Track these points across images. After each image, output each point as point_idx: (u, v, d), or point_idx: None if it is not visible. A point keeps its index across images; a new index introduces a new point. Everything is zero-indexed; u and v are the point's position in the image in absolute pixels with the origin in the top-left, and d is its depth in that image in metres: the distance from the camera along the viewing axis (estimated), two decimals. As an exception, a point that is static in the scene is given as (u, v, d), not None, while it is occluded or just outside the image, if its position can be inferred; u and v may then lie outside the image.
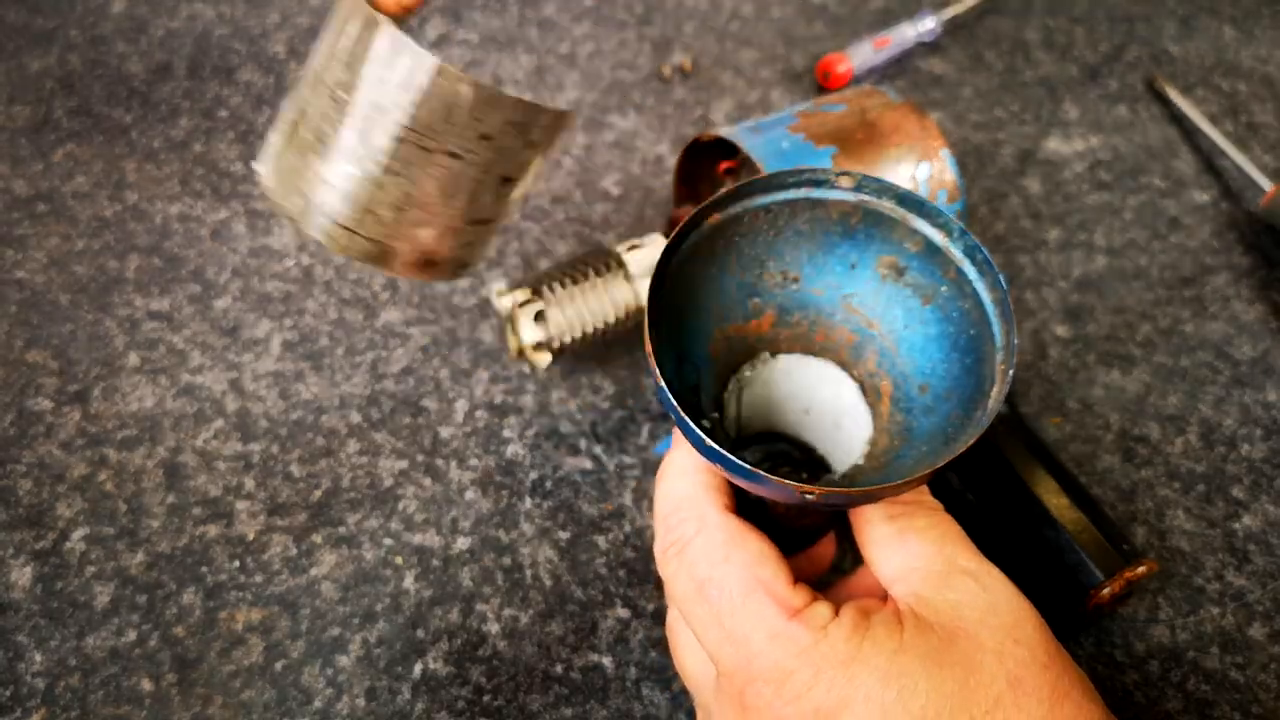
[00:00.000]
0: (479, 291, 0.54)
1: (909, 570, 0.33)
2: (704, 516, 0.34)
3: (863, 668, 0.30)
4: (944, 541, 0.34)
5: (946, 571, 0.33)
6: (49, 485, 0.46)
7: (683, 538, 0.34)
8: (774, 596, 0.32)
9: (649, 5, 0.70)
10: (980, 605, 0.32)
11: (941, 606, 0.32)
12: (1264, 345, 0.54)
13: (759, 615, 0.31)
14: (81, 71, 0.63)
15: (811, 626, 0.31)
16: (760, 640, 0.31)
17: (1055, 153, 0.63)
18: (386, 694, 0.41)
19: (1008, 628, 0.32)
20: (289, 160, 0.36)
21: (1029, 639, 0.32)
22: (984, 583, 0.33)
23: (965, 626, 0.32)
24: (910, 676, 0.30)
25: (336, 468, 0.47)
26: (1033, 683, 0.31)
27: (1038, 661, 0.32)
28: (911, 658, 0.31)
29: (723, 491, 0.35)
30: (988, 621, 0.32)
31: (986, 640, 0.31)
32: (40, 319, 0.52)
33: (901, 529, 0.35)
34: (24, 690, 0.40)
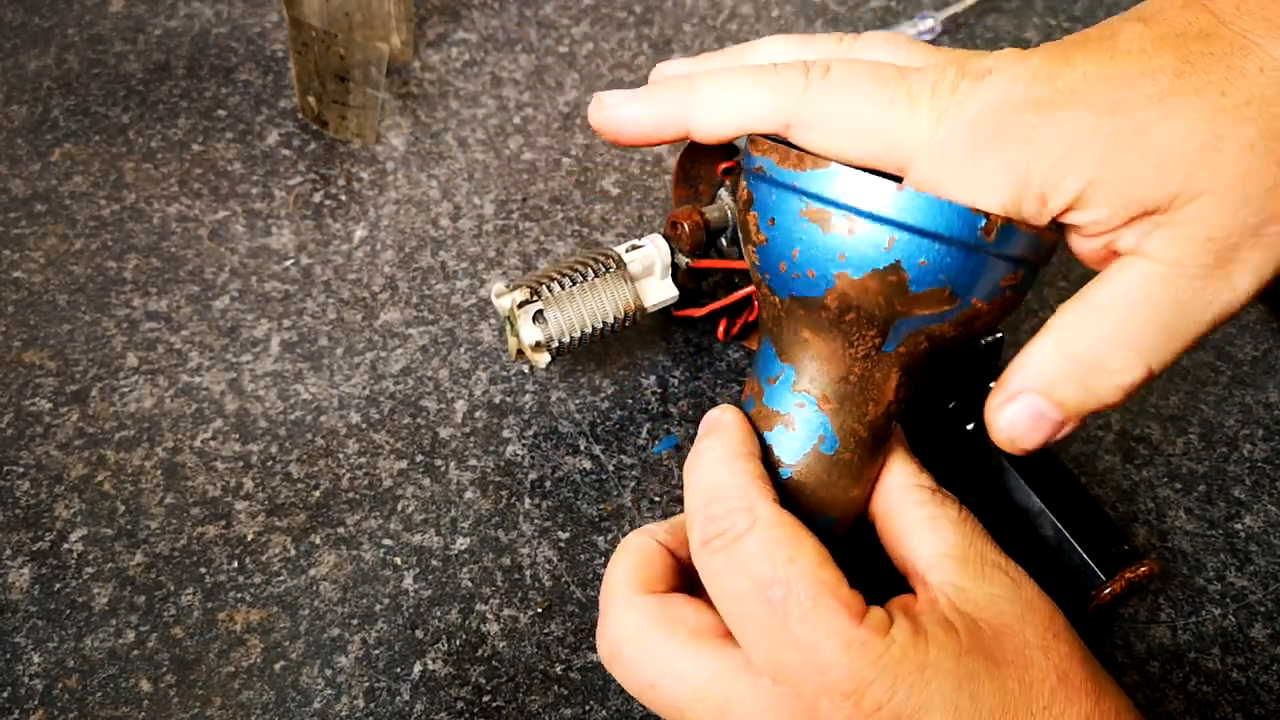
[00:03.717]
0: (478, 291, 0.54)
1: (943, 558, 0.33)
2: (755, 509, 0.31)
3: (935, 673, 0.29)
4: (974, 534, 0.34)
5: (980, 563, 0.33)
6: (47, 486, 0.46)
7: (733, 530, 0.31)
8: (842, 601, 0.30)
9: (649, 5, 0.69)
10: (1018, 600, 0.32)
11: (981, 600, 0.32)
12: (1265, 345, 0.54)
13: (831, 622, 0.29)
14: (79, 71, 0.62)
15: (879, 632, 0.30)
16: (834, 649, 0.29)
17: (1055, 152, 0.63)
18: (386, 694, 0.41)
19: (1046, 623, 0.32)
20: None
21: (1065, 634, 0.32)
22: (1015, 578, 0.33)
23: (1008, 623, 0.31)
24: (977, 678, 0.30)
25: (336, 468, 0.47)
26: (1078, 678, 0.31)
27: (1077, 656, 0.31)
28: (974, 659, 0.30)
29: (769, 483, 0.33)
30: (1028, 617, 0.32)
31: (1031, 636, 0.31)
32: (38, 319, 0.51)
33: (934, 515, 0.34)
34: (22, 691, 0.40)
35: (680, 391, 0.51)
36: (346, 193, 0.58)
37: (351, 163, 0.59)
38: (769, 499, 0.32)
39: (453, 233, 0.56)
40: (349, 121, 0.59)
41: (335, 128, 0.60)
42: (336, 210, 0.57)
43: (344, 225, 0.56)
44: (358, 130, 0.60)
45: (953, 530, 0.34)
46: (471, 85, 0.64)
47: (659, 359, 0.52)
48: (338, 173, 0.59)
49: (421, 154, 0.60)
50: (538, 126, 0.62)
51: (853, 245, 0.32)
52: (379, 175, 0.59)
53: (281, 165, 0.59)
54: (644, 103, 0.38)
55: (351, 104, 0.58)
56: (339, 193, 0.58)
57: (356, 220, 0.57)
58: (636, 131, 0.38)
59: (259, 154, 0.59)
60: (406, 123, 0.61)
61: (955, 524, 0.34)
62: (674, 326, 0.53)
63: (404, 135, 0.61)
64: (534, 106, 0.63)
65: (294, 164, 0.59)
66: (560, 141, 0.61)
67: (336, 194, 0.58)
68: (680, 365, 0.52)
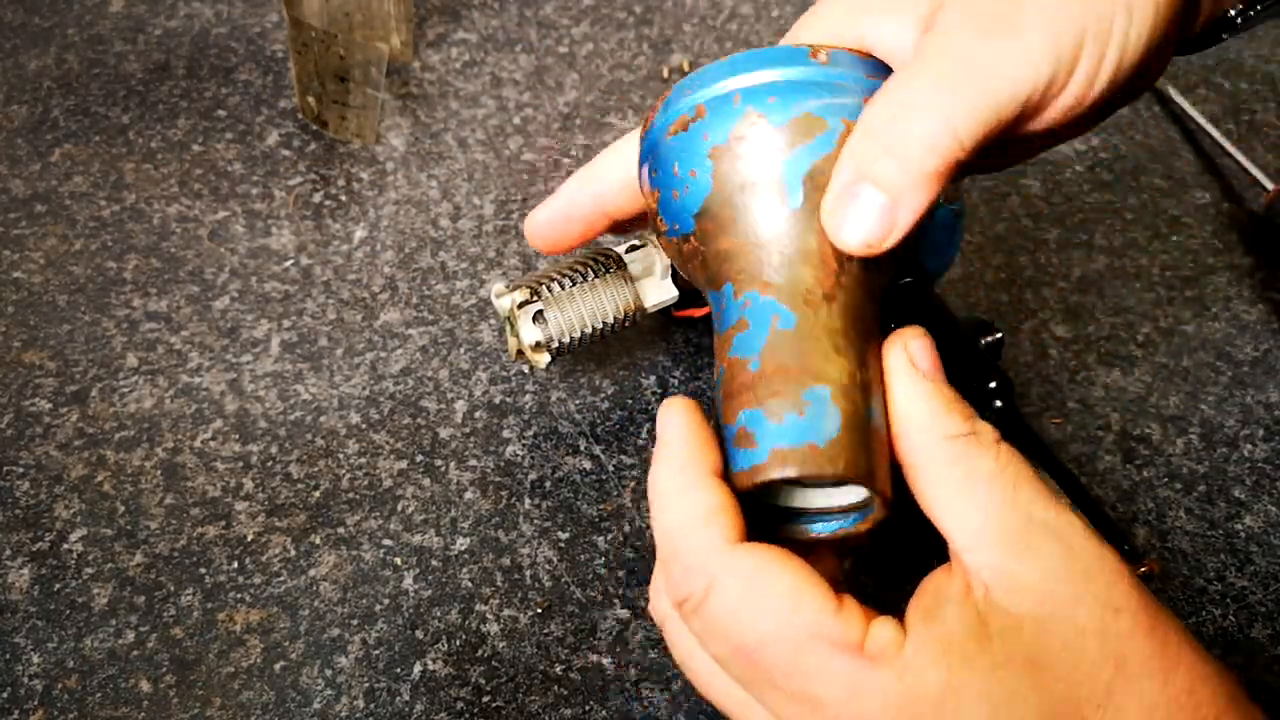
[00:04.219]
0: (478, 292, 0.54)
1: (981, 531, 0.28)
2: (709, 565, 0.28)
3: (963, 700, 0.26)
4: (1017, 490, 0.29)
5: (1024, 530, 0.28)
6: (47, 486, 0.46)
7: (693, 596, 0.28)
8: (830, 641, 0.27)
9: (649, 5, 0.69)
10: (1071, 574, 0.28)
11: (1026, 582, 0.28)
12: (1265, 345, 0.54)
13: (823, 670, 0.27)
14: (79, 71, 0.62)
15: (888, 662, 0.27)
16: (836, 697, 0.26)
17: (1055, 152, 0.63)
18: (386, 695, 0.41)
19: (1104, 596, 0.28)
20: None
21: (1127, 603, 0.28)
22: (1068, 540, 0.28)
23: (1058, 606, 0.27)
24: (1016, 696, 0.26)
25: (336, 468, 0.47)
26: (1140, 658, 0.27)
27: (1141, 630, 0.27)
28: (1012, 671, 0.27)
29: (724, 511, 0.29)
30: (1081, 594, 0.27)
31: (1084, 619, 0.27)
32: (38, 319, 0.51)
33: (966, 475, 0.29)
34: (22, 692, 0.40)
35: (680, 391, 0.51)
36: (346, 193, 0.58)
37: (351, 163, 0.59)
38: (727, 540, 0.28)
39: (453, 233, 0.56)
40: (349, 122, 0.59)
41: (335, 128, 0.60)
42: (336, 210, 0.57)
43: (344, 225, 0.56)
44: (358, 130, 0.60)
45: (988, 492, 0.29)
46: (471, 85, 0.64)
47: (659, 359, 0.52)
48: (338, 173, 0.59)
49: (421, 154, 0.60)
50: (538, 126, 0.62)
51: (709, 122, 0.32)
52: (379, 175, 0.59)
53: (281, 165, 0.59)
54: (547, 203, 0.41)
55: (351, 104, 0.58)
56: (339, 193, 0.58)
57: (356, 220, 0.57)
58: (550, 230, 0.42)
59: (259, 154, 0.59)
60: (406, 123, 0.61)
61: (991, 482, 0.29)
62: (674, 326, 0.53)
63: (404, 135, 0.61)
64: (534, 107, 0.63)
65: (294, 164, 0.59)
66: (560, 141, 0.61)
67: (336, 194, 0.58)
68: (680, 365, 0.52)
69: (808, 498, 0.33)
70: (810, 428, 0.29)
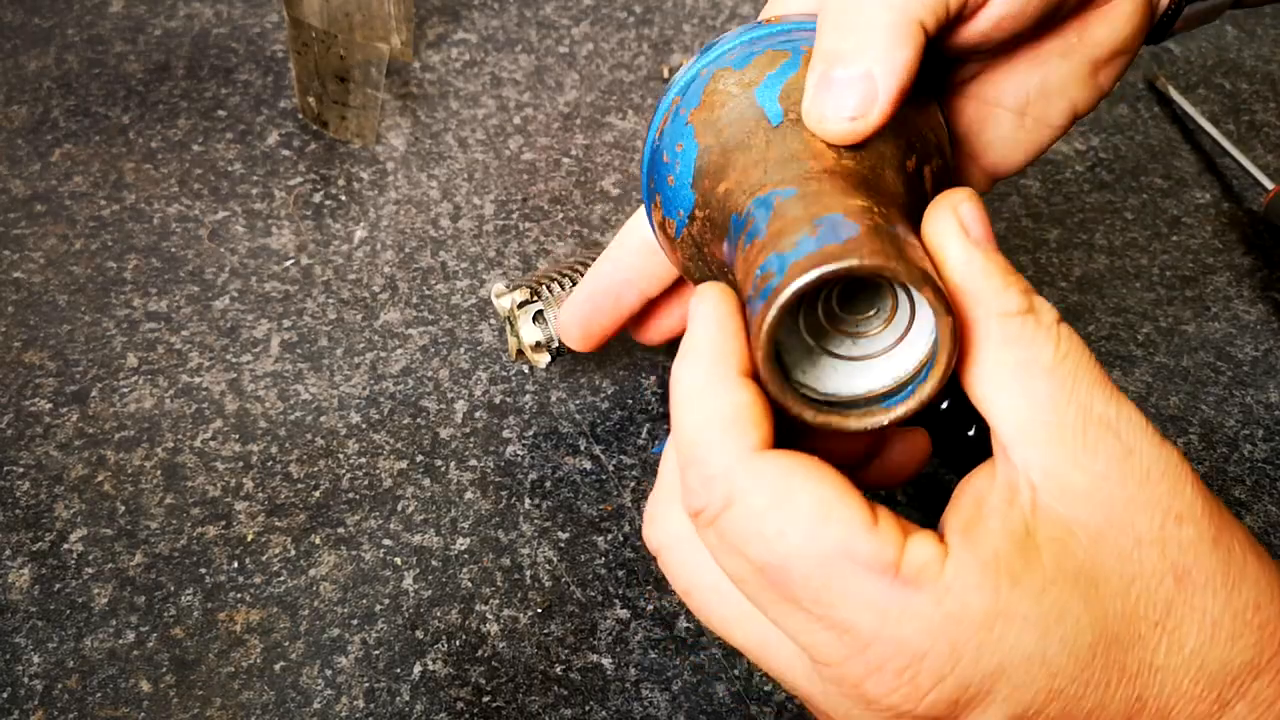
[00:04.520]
0: (478, 292, 0.54)
1: (1033, 425, 0.26)
2: (731, 475, 0.25)
3: (1010, 624, 0.24)
4: (1077, 381, 0.26)
5: (1081, 425, 0.25)
6: (47, 486, 0.46)
7: (710, 508, 0.25)
8: (862, 562, 0.24)
9: (649, 5, 0.69)
10: (1131, 476, 0.25)
11: (1080, 486, 0.25)
12: (1266, 345, 0.54)
13: (855, 594, 0.24)
14: (79, 71, 0.62)
15: (926, 584, 0.24)
16: (869, 623, 0.24)
17: (1055, 152, 0.63)
18: (386, 695, 0.41)
19: (1166, 502, 0.25)
20: None
21: (1191, 510, 0.25)
22: (1128, 439, 0.26)
23: (1115, 512, 0.25)
24: (1068, 615, 0.24)
25: (336, 468, 0.47)
26: (1204, 571, 0.25)
27: (1206, 538, 0.25)
28: (1063, 588, 0.24)
29: (751, 412, 0.26)
30: (1140, 499, 0.25)
31: (1144, 528, 0.25)
32: (38, 319, 0.51)
33: (1022, 361, 0.26)
34: (22, 692, 0.40)
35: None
36: (346, 193, 0.58)
37: (351, 163, 0.59)
38: (748, 447, 0.25)
39: (453, 233, 0.56)
40: (349, 122, 0.59)
41: (335, 128, 0.60)
42: (336, 210, 0.57)
43: (344, 225, 0.56)
44: (358, 130, 0.60)
45: (1046, 381, 0.26)
46: (471, 85, 0.64)
47: (659, 359, 0.52)
48: (338, 173, 0.59)
49: (421, 154, 0.60)
50: (538, 126, 0.62)
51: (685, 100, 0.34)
52: (379, 175, 0.59)
53: (281, 165, 0.59)
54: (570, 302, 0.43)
55: (352, 104, 0.58)
56: (339, 193, 0.58)
57: (356, 220, 0.57)
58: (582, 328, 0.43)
59: (259, 154, 0.59)
60: (406, 123, 0.61)
61: (1052, 372, 0.26)
62: (674, 326, 0.53)
63: (404, 135, 0.61)
64: (534, 106, 0.63)
65: (294, 164, 0.59)
66: (560, 141, 0.61)
67: (336, 194, 0.58)
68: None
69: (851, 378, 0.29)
70: (824, 238, 0.26)
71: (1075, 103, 0.36)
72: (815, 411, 0.27)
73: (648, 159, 0.36)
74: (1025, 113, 0.36)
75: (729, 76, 0.33)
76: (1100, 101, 0.36)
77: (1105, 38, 0.34)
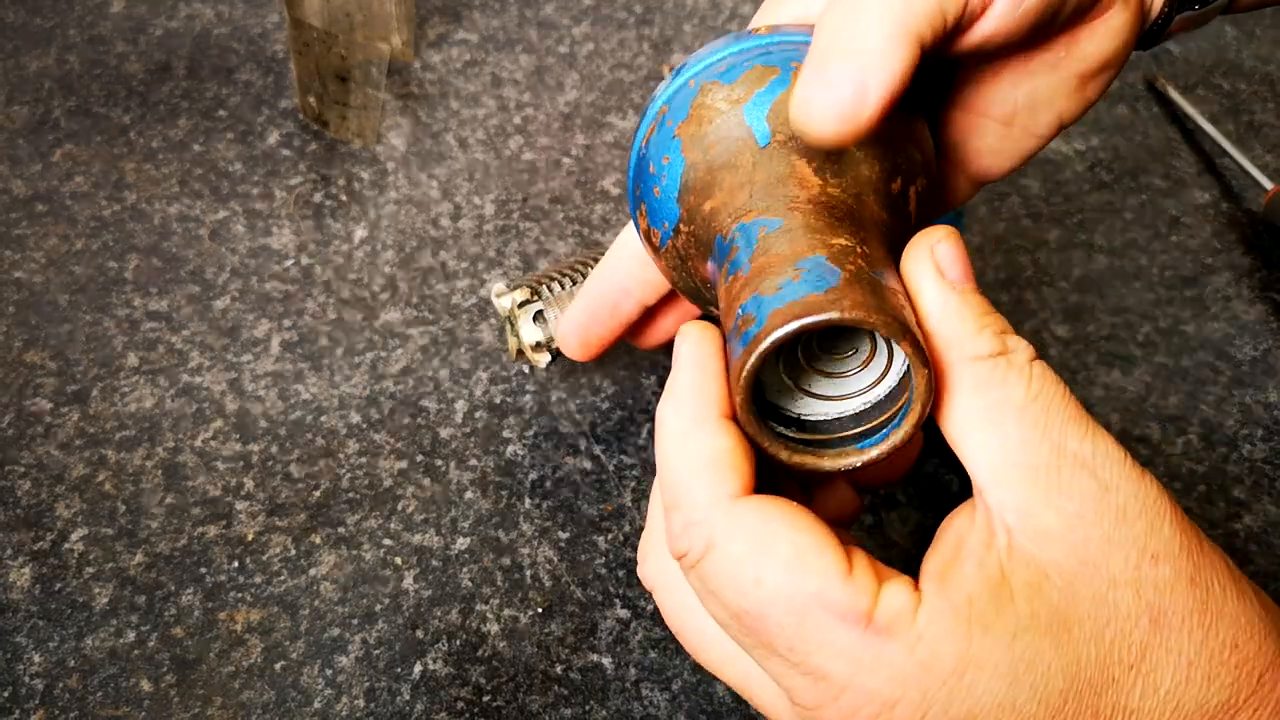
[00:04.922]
0: (478, 292, 0.54)
1: (1006, 467, 0.26)
2: (710, 521, 0.26)
3: (980, 672, 0.24)
4: (1050, 420, 0.26)
5: (1055, 465, 0.25)
6: (47, 486, 0.46)
7: (692, 553, 0.26)
8: (836, 612, 0.25)
9: (649, 5, 0.69)
10: (1106, 515, 0.25)
11: (1055, 528, 0.25)
12: (1265, 345, 0.54)
13: (828, 643, 0.25)
14: (80, 71, 0.63)
15: (899, 633, 0.25)
16: (842, 671, 0.25)
17: (1055, 152, 0.63)
18: (386, 694, 0.41)
19: (1142, 541, 0.25)
20: None
21: (1169, 549, 0.25)
22: (1104, 476, 0.25)
23: (1089, 554, 0.25)
24: (1039, 660, 0.24)
25: (336, 468, 0.47)
26: (1179, 611, 0.25)
27: (1183, 577, 0.25)
28: (1035, 634, 0.24)
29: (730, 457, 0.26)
30: (1117, 539, 0.25)
31: (1118, 569, 0.25)
32: (39, 319, 0.52)
33: (993, 404, 0.26)
34: (22, 691, 0.40)
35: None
36: (347, 193, 0.58)
37: (352, 163, 0.59)
38: (728, 494, 0.26)
39: (453, 233, 0.56)
40: (349, 122, 0.59)
41: (336, 128, 0.60)
42: (337, 210, 0.57)
43: (344, 225, 0.56)
44: (358, 130, 0.60)
45: (1017, 424, 0.26)
46: (472, 85, 0.64)
47: (659, 359, 0.52)
48: (338, 173, 0.59)
49: (422, 154, 0.60)
50: (538, 126, 0.62)
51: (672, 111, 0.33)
52: (379, 175, 0.59)
53: (282, 165, 0.59)
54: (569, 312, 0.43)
55: (352, 104, 0.58)
56: (339, 193, 0.58)
57: (357, 220, 0.57)
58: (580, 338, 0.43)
59: (259, 154, 0.59)
60: (407, 123, 0.62)
61: (1022, 413, 0.26)
62: (674, 326, 0.53)
63: (404, 135, 0.61)
64: (534, 106, 0.63)
65: (294, 164, 0.59)
66: (560, 141, 0.61)
67: (337, 194, 0.58)
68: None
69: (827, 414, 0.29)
70: (806, 284, 0.26)
71: (1062, 114, 0.36)
72: (791, 452, 0.28)
73: (633, 167, 0.35)
74: (1012, 123, 0.36)
75: (717, 91, 0.32)
76: (1086, 111, 0.36)
77: (1094, 51, 0.34)
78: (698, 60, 0.34)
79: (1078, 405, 0.26)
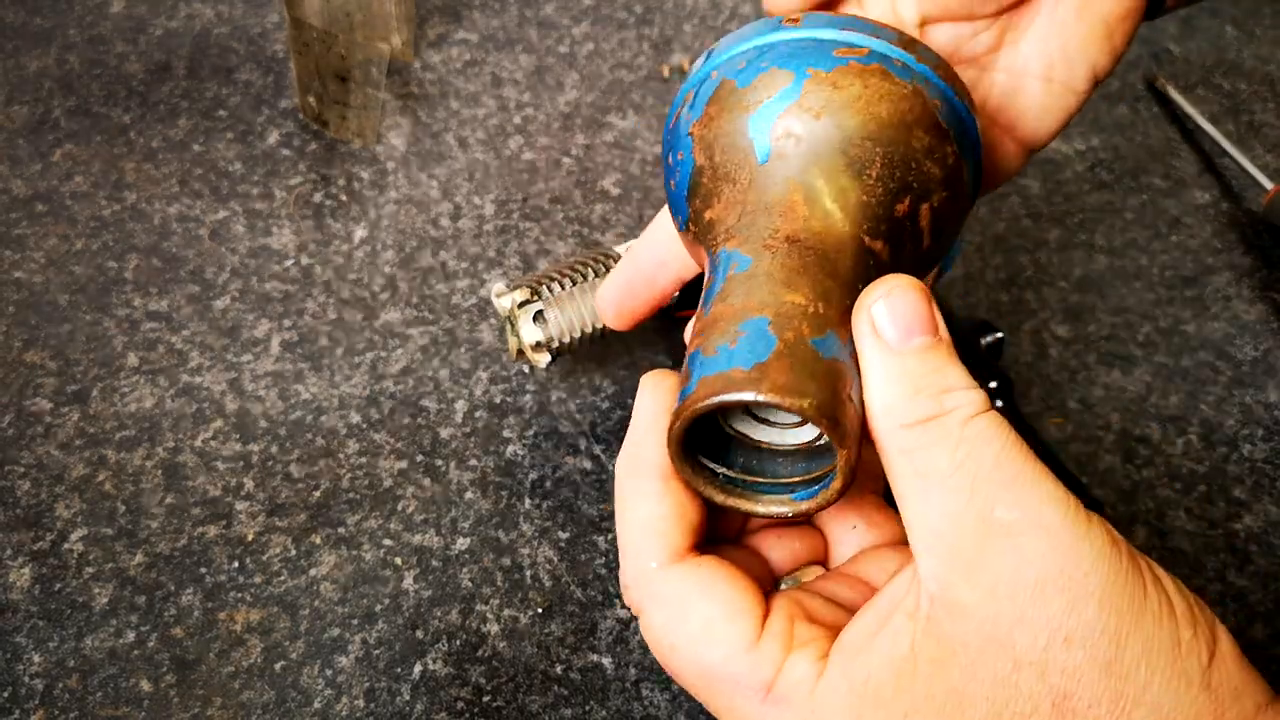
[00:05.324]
0: (478, 291, 0.54)
1: (932, 537, 0.25)
2: (642, 584, 0.28)
3: None
4: (975, 487, 0.25)
5: (982, 533, 0.25)
6: (47, 486, 0.46)
7: (633, 607, 0.29)
8: (737, 681, 0.26)
9: (649, 5, 0.69)
10: (1021, 592, 0.24)
11: (970, 603, 0.25)
12: (1265, 345, 0.54)
13: (732, 707, 0.27)
14: (80, 71, 0.63)
15: (795, 703, 0.26)
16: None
17: (1055, 152, 0.63)
18: (386, 695, 0.41)
19: (1057, 621, 0.24)
20: None
21: (1086, 631, 0.24)
22: (1028, 549, 0.24)
23: (999, 633, 0.24)
24: None
25: (336, 468, 0.47)
26: (1088, 697, 0.24)
27: (1097, 662, 0.24)
28: (927, 716, 0.25)
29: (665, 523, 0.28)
30: (1030, 617, 0.24)
31: (1026, 650, 0.24)
32: (39, 319, 0.52)
33: (919, 471, 0.26)
34: (22, 691, 0.40)
35: (680, 391, 0.51)
36: (347, 193, 0.58)
37: (352, 163, 0.59)
38: (660, 560, 0.28)
39: (453, 233, 0.56)
40: (349, 121, 0.59)
41: (336, 128, 0.60)
42: (337, 210, 0.57)
43: (344, 225, 0.56)
44: (358, 130, 0.60)
45: (941, 491, 0.25)
46: (472, 85, 0.64)
47: (659, 359, 0.52)
48: (338, 173, 0.59)
49: (422, 154, 0.60)
50: (538, 126, 0.62)
51: (694, 102, 0.33)
52: (379, 175, 0.59)
53: (282, 165, 0.59)
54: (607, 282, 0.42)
55: (352, 104, 0.58)
56: (339, 193, 0.58)
57: (357, 220, 0.57)
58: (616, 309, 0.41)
59: (259, 154, 0.59)
60: (407, 123, 0.61)
61: (947, 479, 0.25)
62: (674, 326, 0.53)
63: (404, 135, 0.61)
64: (534, 106, 0.63)
65: (294, 164, 0.59)
66: (560, 141, 0.61)
67: (337, 194, 0.58)
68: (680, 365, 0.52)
69: (764, 464, 0.30)
70: (737, 354, 0.27)
71: (1095, 65, 0.38)
72: (725, 495, 0.29)
73: (663, 145, 0.35)
74: (1051, 78, 0.38)
75: (730, 94, 0.32)
76: (1116, 64, 0.38)
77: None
78: (726, 48, 0.34)
79: (1017, 462, 0.25)
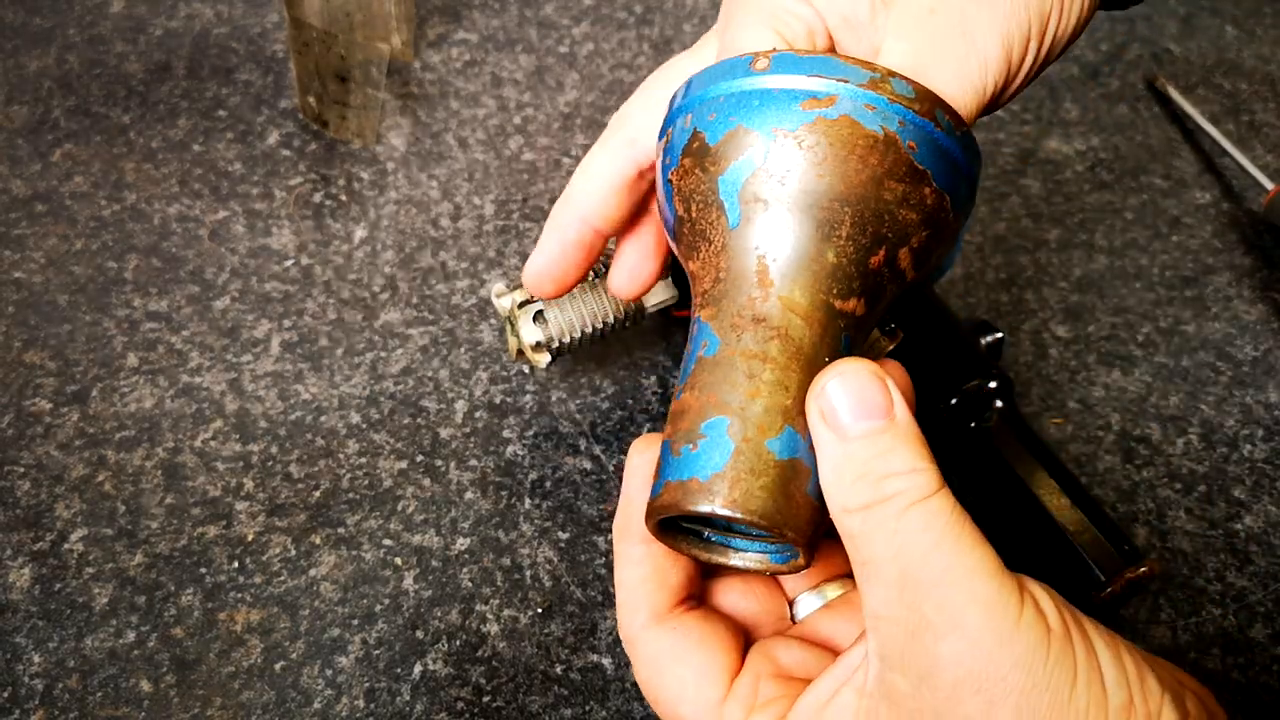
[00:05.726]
0: (478, 292, 0.54)
1: (876, 619, 0.26)
2: (629, 640, 0.32)
3: None
4: (905, 581, 0.25)
5: (911, 629, 0.25)
6: (47, 486, 0.46)
7: (626, 647, 0.32)
8: None
9: (649, 5, 0.69)
10: (939, 691, 0.25)
11: (900, 691, 0.26)
12: (1265, 345, 0.54)
13: None
14: (80, 71, 0.63)
15: None
16: None
17: (1055, 152, 0.63)
18: (386, 695, 0.41)
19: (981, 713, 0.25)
20: None
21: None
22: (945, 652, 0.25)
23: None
24: None
25: (336, 468, 0.47)
26: None
27: None
28: None
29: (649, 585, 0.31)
30: (950, 715, 0.25)
31: None
32: (38, 319, 0.51)
33: (862, 558, 0.26)
34: (22, 691, 0.40)
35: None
36: (347, 193, 0.58)
37: (352, 163, 0.59)
38: (643, 620, 0.31)
39: (453, 233, 0.56)
40: (349, 121, 0.59)
41: (335, 128, 0.60)
42: (337, 210, 0.57)
43: (344, 225, 0.56)
44: (358, 130, 0.60)
45: (875, 583, 0.26)
46: (472, 85, 0.64)
47: (659, 359, 0.52)
48: (338, 173, 0.59)
49: (422, 154, 0.60)
50: (538, 126, 0.62)
51: (671, 144, 0.32)
52: (379, 175, 0.59)
53: (282, 165, 0.59)
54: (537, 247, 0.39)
55: (352, 104, 0.58)
56: (339, 193, 0.58)
57: (356, 220, 0.57)
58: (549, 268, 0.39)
59: (259, 154, 0.59)
60: (407, 123, 0.61)
61: (879, 571, 0.26)
62: (674, 326, 0.53)
63: (404, 135, 0.61)
64: (534, 106, 0.63)
65: (294, 164, 0.59)
66: (560, 141, 0.61)
67: (337, 194, 0.58)
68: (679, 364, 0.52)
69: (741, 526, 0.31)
70: (697, 461, 0.28)
71: None
72: (709, 553, 0.31)
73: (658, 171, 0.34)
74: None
75: (701, 149, 0.31)
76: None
77: None
78: (699, 89, 0.32)
79: (949, 556, 0.25)
